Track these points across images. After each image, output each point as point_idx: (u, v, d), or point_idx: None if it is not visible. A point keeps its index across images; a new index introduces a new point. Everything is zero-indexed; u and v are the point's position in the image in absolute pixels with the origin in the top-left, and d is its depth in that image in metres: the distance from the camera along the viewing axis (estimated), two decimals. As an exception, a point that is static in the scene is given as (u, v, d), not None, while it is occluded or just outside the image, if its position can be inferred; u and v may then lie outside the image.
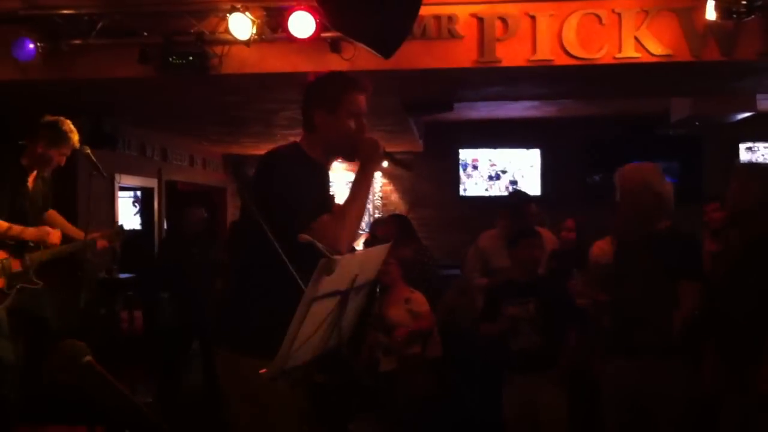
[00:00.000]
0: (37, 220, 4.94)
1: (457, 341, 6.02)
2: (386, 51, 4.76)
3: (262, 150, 4.77)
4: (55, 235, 4.85)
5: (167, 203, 10.03)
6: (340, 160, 3.05)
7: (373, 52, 4.85)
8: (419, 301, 5.56)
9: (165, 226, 9.90)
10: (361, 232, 10.29)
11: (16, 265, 4.72)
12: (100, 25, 5.74)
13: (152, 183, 9.70)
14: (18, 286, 4.71)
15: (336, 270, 2.09)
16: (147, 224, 10.00)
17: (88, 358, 1.71)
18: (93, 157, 4.77)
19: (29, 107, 6.89)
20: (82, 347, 1.74)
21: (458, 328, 6.30)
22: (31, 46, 5.67)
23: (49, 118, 4.86)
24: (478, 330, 4.95)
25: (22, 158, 4.85)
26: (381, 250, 2.58)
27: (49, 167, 4.92)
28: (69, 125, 4.83)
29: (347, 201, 2.78)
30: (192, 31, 5.78)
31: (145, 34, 5.79)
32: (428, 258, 6.67)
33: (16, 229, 4.69)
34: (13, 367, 4.65)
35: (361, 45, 5.12)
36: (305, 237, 2.24)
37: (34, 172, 4.90)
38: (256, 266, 2.79)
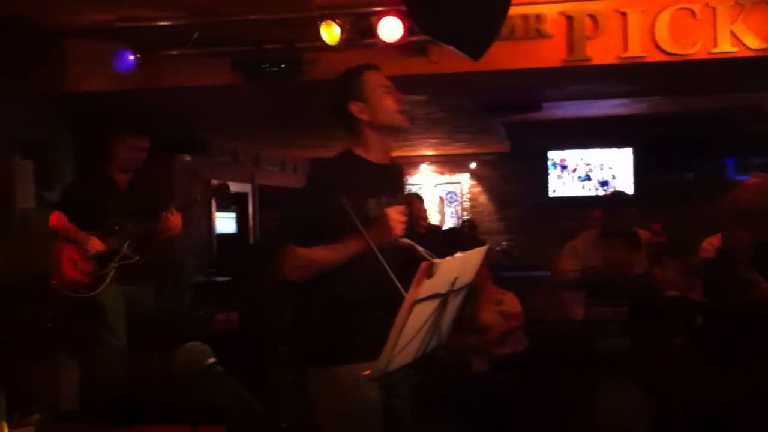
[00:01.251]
0: (126, 216, 5.06)
1: (544, 343, 5.97)
2: (475, 53, 4.75)
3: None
4: (93, 243, 4.93)
5: (260, 208, 10.25)
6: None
7: (462, 54, 4.85)
8: (511, 301, 5.55)
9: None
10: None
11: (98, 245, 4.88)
12: (195, 36, 5.89)
13: (246, 188, 9.92)
14: (115, 265, 4.88)
15: (437, 273, 2.11)
16: (241, 229, 10.23)
17: (212, 360, 1.77)
18: (192, 164, 4.91)
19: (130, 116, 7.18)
20: (206, 349, 1.80)
21: (546, 330, 6.24)
22: (131, 57, 5.88)
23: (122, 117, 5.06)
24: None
25: (108, 159, 5.06)
26: (479, 252, 2.59)
27: (139, 161, 5.07)
28: (142, 117, 5.02)
29: (328, 249, 2.70)
30: (283, 38, 5.89)
31: (237, 43, 5.93)
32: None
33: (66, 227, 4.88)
34: (122, 357, 4.78)
35: (448, 48, 5.13)
36: (405, 241, 2.27)
37: (125, 177, 5.07)
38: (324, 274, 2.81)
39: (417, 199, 7.06)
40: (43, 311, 5.59)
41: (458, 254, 2.25)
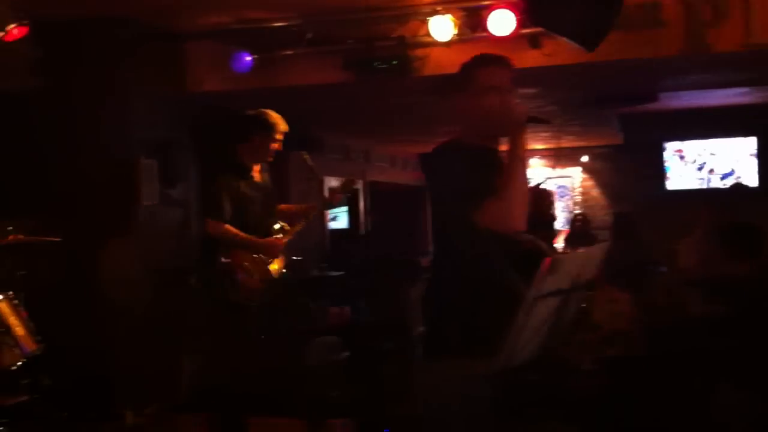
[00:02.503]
0: (268, 218, 4.98)
1: (660, 342, 5.80)
2: (590, 44, 4.67)
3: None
4: (280, 248, 4.89)
5: (371, 204, 10.37)
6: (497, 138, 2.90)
7: (576, 46, 4.77)
8: (624, 301, 5.39)
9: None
10: (561, 228, 10.14)
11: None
12: (308, 36, 6.01)
13: (357, 184, 10.06)
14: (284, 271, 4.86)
15: (560, 269, 2.09)
16: (353, 224, 10.38)
17: (344, 353, 1.80)
18: (310, 162, 4.97)
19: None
20: (338, 343, 1.83)
21: (663, 328, 6.06)
22: (248, 58, 6.06)
23: (250, 112, 4.99)
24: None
25: (242, 158, 4.93)
26: (601, 248, 2.54)
27: (268, 156, 4.96)
28: (271, 112, 4.96)
29: (504, 180, 2.64)
30: (394, 35, 5.93)
31: (349, 41, 6.02)
32: (645, 258, 6.43)
33: (245, 236, 4.73)
34: (256, 358, 4.80)
35: (561, 39, 5.05)
36: (526, 237, 2.25)
37: (257, 170, 4.99)
38: (447, 262, 2.78)
39: (545, 192, 6.89)
40: (163, 305, 5.82)
41: (580, 250, 2.22)
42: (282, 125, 4.92)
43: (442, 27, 5.64)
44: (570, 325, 2.61)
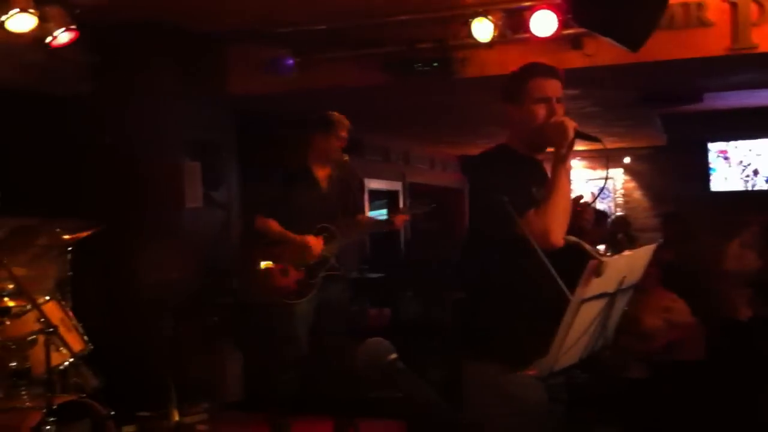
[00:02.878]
0: (323, 221, 4.87)
1: (715, 346, 5.72)
2: (634, 44, 4.62)
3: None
4: (316, 249, 4.74)
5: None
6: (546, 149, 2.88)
7: (620, 46, 4.73)
8: (681, 310, 5.25)
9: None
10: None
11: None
12: (349, 38, 6.04)
13: (397, 186, 10.08)
14: (322, 275, 4.78)
15: (605, 272, 2.07)
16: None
17: (393, 356, 1.81)
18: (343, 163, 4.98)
19: (284, 118, 7.45)
20: (388, 345, 1.84)
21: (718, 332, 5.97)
22: (290, 61, 6.11)
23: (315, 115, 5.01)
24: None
25: (304, 160, 4.90)
26: (647, 251, 2.51)
27: (334, 155, 4.93)
28: (333, 112, 4.95)
29: (548, 192, 2.65)
30: (435, 37, 5.93)
31: (390, 43, 6.03)
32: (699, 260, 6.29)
33: (282, 231, 4.70)
34: (300, 359, 4.79)
35: (604, 40, 5.02)
36: (572, 239, 2.24)
37: (326, 171, 4.95)
38: (488, 269, 2.78)
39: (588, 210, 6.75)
40: (213, 306, 5.89)
41: (626, 252, 2.20)
42: (343, 124, 4.91)
43: (484, 28, 5.63)
44: (615, 329, 2.59)
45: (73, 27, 5.16)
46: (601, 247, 6.85)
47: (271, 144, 6.37)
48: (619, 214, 12.02)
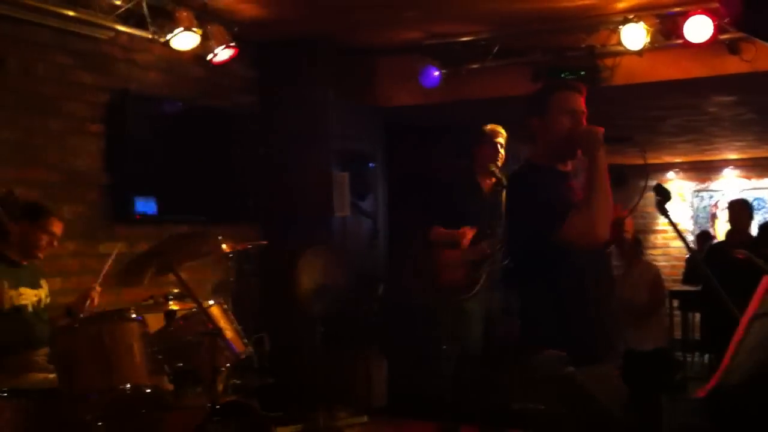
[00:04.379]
0: (493, 222, 4.95)
1: None
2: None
3: (649, 160, 4.68)
4: (466, 238, 4.90)
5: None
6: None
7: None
8: None
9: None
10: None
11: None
12: (496, 49, 6.05)
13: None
14: (487, 269, 4.86)
15: (781, 288, 2.00)
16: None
17: (570, 369, 1.81)
18: (497, 173, 5.01)
19: (434, 128, 7.55)
20: (564, 358, 1.85)
21: None
22: (436, 73, 6.18)
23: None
24: None
25: (469, 172, 5.13)
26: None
27: (489, 166, 5.03)
28: (493, 126, 5.12)
29: (586, 194, 2.77)
30: (582, 45, 5.86)
31: (537, 52, 6.00)
32: None
33: (447, 231, 4.96)
34: (466, 360, 4.90)
35: (763, 45, 4.83)
36: (742, 252, 2.18)
37: (488, 179, 5.09)
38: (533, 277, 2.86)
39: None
40: (361, 310, 6.02)
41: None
42: (497, 133, 5.05)
43: (635, 35, 5.51)
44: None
45: (232, 44, 5.44)
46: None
47: (429, 156, 6.48)
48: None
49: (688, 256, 9.44)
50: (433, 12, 5.66)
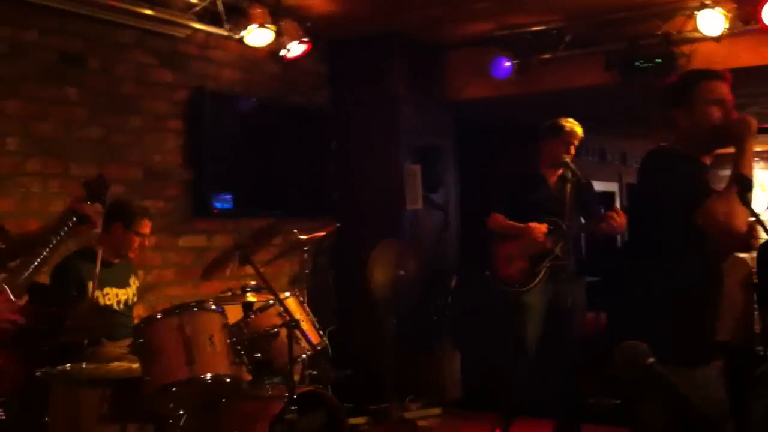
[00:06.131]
0: (559, 216, 4.91)
1: None
2: None
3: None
4: (537, 232, 4.80)
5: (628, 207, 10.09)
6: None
7: None
8: None
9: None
10: None
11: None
12: (568, 38, 5.98)
13: (613, 187, 9.83)
14: (547, 264, 4.83)
15: None
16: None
17: (651, 359, 1.80)
18: (572, 165, 4.95)
19: (504, 120, 7.51)
20: (645, 349, 1.83)
21: None
22: (507, 64, 6.14)
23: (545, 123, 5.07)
24: None
25: (536, 167, 5.04)
26: None
27: (559, 161, 4.96)
28: (565, 120, 4.98)
29: (730, 183, 2.65)
30: (657, 33, 5.74)
31: (610, 41, 5.90)
32: None
33: (509, 223, 4.91)
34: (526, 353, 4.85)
35: None
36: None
37: (555, 173, 5.02)
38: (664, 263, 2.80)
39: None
40: (434, 303, 6.03)
41: None
42: (571, 129, 4.94)
43: (712, 21, 5.38)
44: None
45: (305, 39, 5.50)
46: None
47: (497, 150, 6.45)
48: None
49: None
50: (504, 3, 5.62)
